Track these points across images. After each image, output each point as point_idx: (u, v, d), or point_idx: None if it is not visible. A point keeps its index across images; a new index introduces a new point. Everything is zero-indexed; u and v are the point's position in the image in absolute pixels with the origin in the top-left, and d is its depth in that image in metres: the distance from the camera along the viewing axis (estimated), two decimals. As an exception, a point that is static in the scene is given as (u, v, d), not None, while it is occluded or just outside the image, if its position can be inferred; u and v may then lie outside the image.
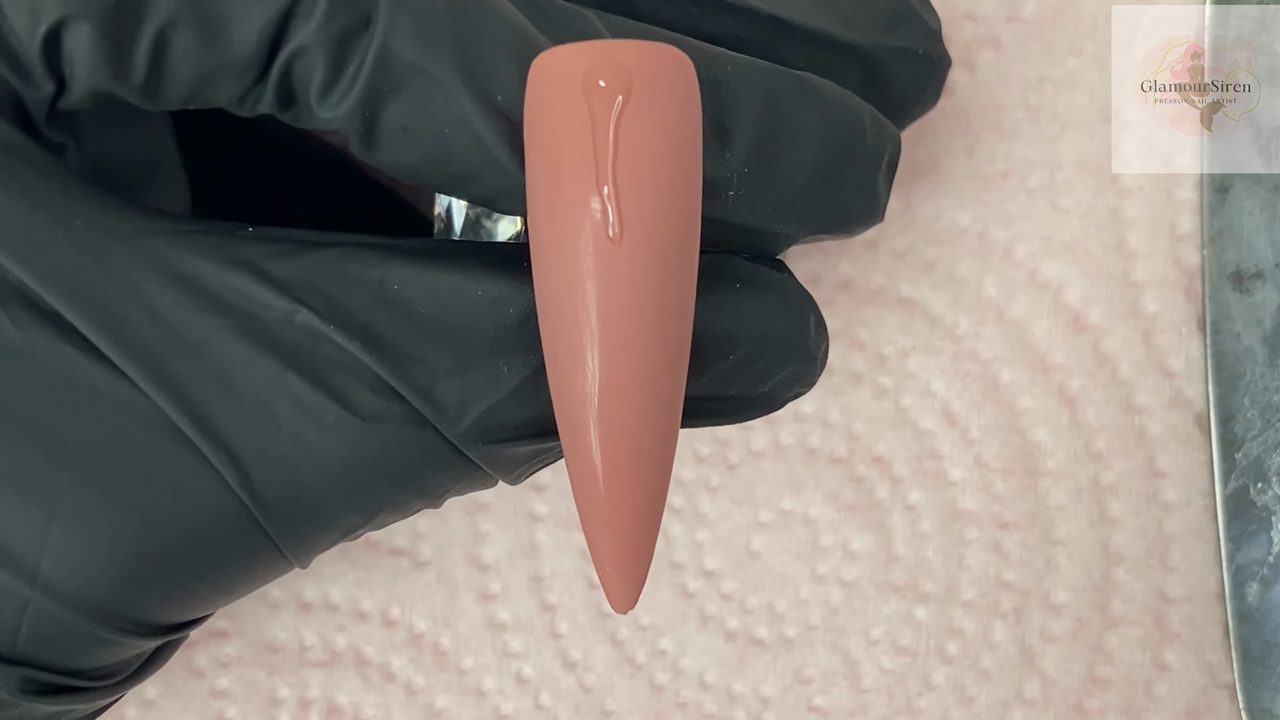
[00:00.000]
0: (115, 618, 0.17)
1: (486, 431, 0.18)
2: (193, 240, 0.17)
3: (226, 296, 0.17)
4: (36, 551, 0.17)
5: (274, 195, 0.24)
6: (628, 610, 0.17)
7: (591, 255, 0.16)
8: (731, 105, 0.17)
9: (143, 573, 0.17)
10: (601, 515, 0.17)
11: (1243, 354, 0.25)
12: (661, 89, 0.16)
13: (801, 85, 0.18)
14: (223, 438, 0.17)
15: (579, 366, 0.16)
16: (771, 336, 0.19)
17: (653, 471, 0.17)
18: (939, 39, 0.22)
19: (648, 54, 0.16)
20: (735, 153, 0.18)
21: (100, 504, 0.17)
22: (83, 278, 0.16)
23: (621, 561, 0.17)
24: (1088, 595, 0.26)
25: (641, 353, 0.16)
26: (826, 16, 0.20)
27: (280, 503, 0.17)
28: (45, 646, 0.17)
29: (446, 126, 0.16)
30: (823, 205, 0.19)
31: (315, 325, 0.17)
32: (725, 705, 0.27)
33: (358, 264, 0.17)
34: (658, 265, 0.16)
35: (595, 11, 0.18)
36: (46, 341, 0.17)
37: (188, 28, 0.16)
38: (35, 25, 0.16)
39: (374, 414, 0.17)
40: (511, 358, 0.17)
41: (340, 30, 0.16)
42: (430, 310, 0.17)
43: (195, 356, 0.17)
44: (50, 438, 0.16)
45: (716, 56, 0.18)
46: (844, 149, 0.19)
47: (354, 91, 0.16)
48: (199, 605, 0.18)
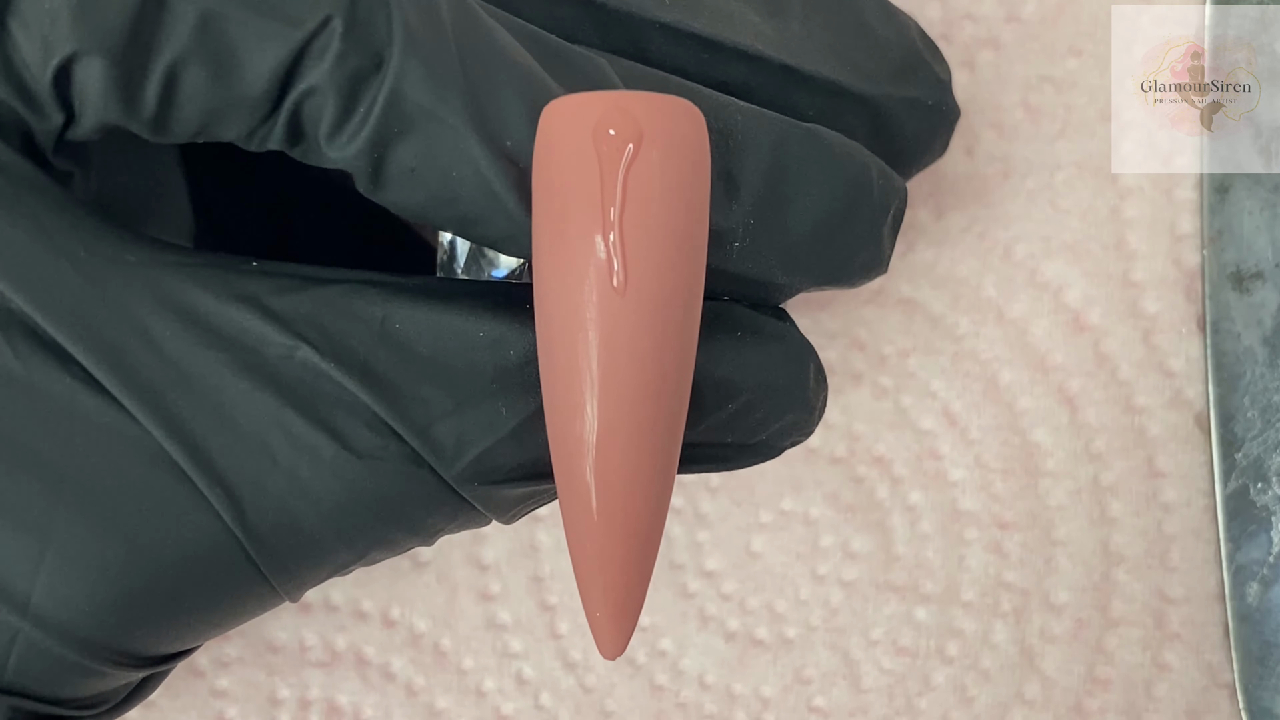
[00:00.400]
0: (105, 649, 0.17)
1: (483, 473, 0.18)
2: (195, 273, 0.17)
3: (227, 331, 0.17)
4: (28, 582, 0.17)
5: (277, 217, 0.24)
6: (616, 656, 0.17)
7: (595, 303, 0.16)
8: (740, 156, 0.18)
9: (134, 605, 0.17)
10: (594, 562, 0.17)
11: (1243, 354, 0.25)
12: (672, 140, 0.16)
13: (810, 138, 0.18)
14: (218, 472, 0.17)
15: (578, 413, 0.16)
16: (771, 386, 0.19)
17: (647, 520, 0.17)
18: (949, 90, 0.22)
19: (659, 105, 0.16)
20: (742, 204, 0.18)
21: (94, 536, 0.17)
22: (84, 309, 0.16)
23: (612, 608, 0.17)
24: (1088, 595, 0.26)
25: (641, 402, 0.16)
26: (837, 66, 0.20)
27: (274, 538, 0.17)
28: (33, 676, 0.17)
29: (454, 170, 0.16)
30: (827, 258, 0.19)
31: (315, 362, 0.17)
32: (725, 706, 0.27)
33: (359, 301, 0.17)
34: (661, 315, 0.16)
35: (607, 56, 0.18)
36: (46, 371, 0.17)
37: (199, 64, 0.16)
38: (47, 58, 0.16)
39: (370, 452, 0.17)
40: (511, 399, 0.17)
41: (352, 72, 0.16)
42: (430, 350, 0.17)
43: (194, 390, 0.17)
44: (47, 468, 0.17)
45: (726, 106, 0.18)
46: (850, 203, 0.19)
47: (363, 133, 0.16)
48: (188, 637, 0.18)
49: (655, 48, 0.19)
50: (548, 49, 0.17)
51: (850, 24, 0.21)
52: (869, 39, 0.21)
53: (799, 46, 0.20)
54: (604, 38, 0.19)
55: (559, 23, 0.19)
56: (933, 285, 0.26)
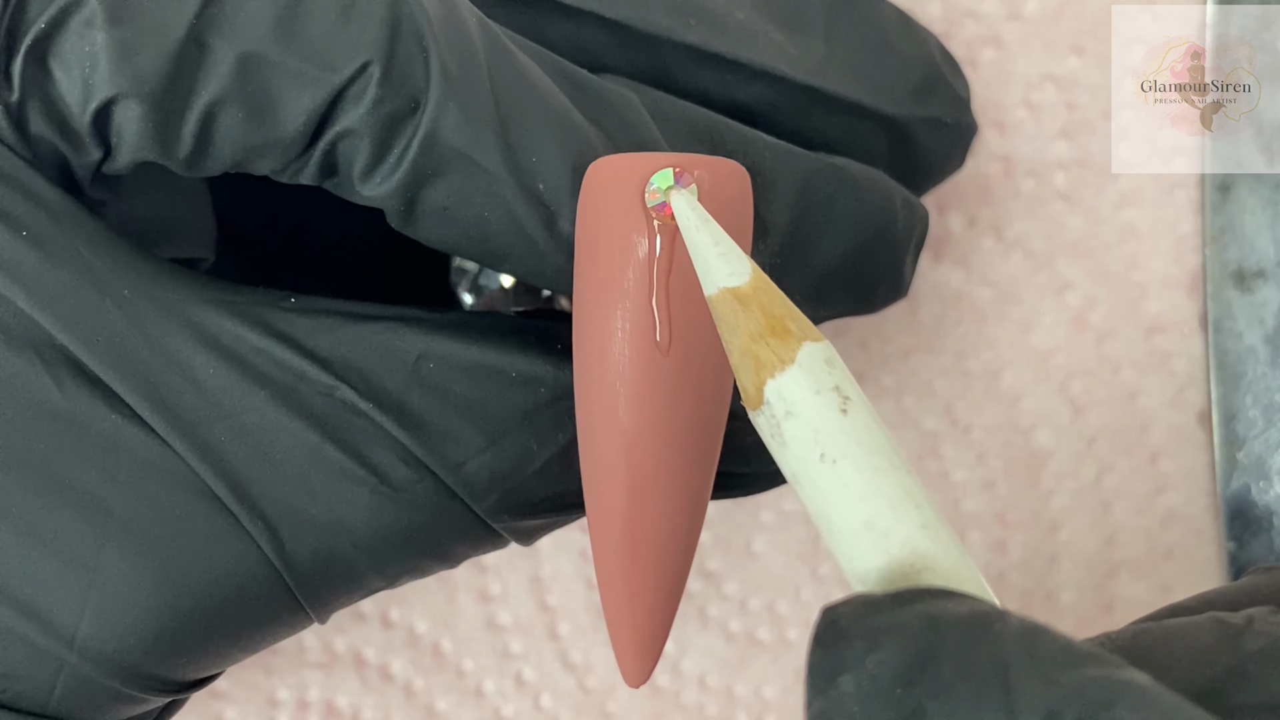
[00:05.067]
0: (146, 677, 0.18)
1: (513, 506, 0.18)
2: (236, 310, 0.17)
3: (267, 369, 0.17)
4: (76, 616, 0.17)
5: (294, 216, 0.24)
6: (641, 685, 0.18)
7: (637, 361, 0.16)
8: (767, 194, 0.18)
9: (176, 635, 0.17)
10: (622, 600, 0.17)
11: (1245, 353, 0.25)
12: (718, 203, 0.16)
13: (836, 174, 0.19)
14: (259, 505, 0.17)
15: (615, 465, 0.17)
16: None
17: (676, 562, 0.17)
18: (968, 108, 0.22)
19: (707, 168, 0.16)
20: (770, 242, 0.18)
21: (138, 569, 0.17)
22: (128, 346, 0.17)
23: (639, 643, 0.18)
24: (1090, 595, 0.26)
25: (675, 456, 0.17)
26: (859, 85, 0.20)
27: (311, 568, 0.18)
28: (76, 704, 0.18)
29: (487, 210, 0.17)
30: (851, 290, 0.19)
31: (353, 401, 0.17)
32: (726, 707, 0.27)
33: (395, 341, 0.18)
34: (701, 372, 0.16)
35: (633, 86, 0.18)
36: (91, 407, 0.17)
37: (236, 107, 0.16)
38: (87, 100, 0.16)
39: (405, 486, 0.18)
40: (541, 436, 0.18)
41: (388, 115, 0.16)
42: (464, 389, 0.18)
43: (235, 425, 0.17)
44: (93, 503, 0.17)
45: (753, 142, 0.18)
46: (875, 237, 0.19)
47: (398, 174, 0.16)
48: (222, 663, 0.19)
49: (679, 68, 0.19)
50: (578, 85, 0.18)
51: (873, 42, 0.21)
52: (891, 57, 0.21)
53: (821, 66, 0.20)
54: (629, 59, 0.19)
55: (584, 45, 0.19)
56: (934, 285, 0.26)
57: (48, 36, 0.16)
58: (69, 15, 0.16)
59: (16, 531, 0.17)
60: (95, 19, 0.16)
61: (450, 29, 0.17)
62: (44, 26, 0.16)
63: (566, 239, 0.17)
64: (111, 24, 0.16)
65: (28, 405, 0.17)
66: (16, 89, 0.16)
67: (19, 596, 0.17)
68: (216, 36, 0.16)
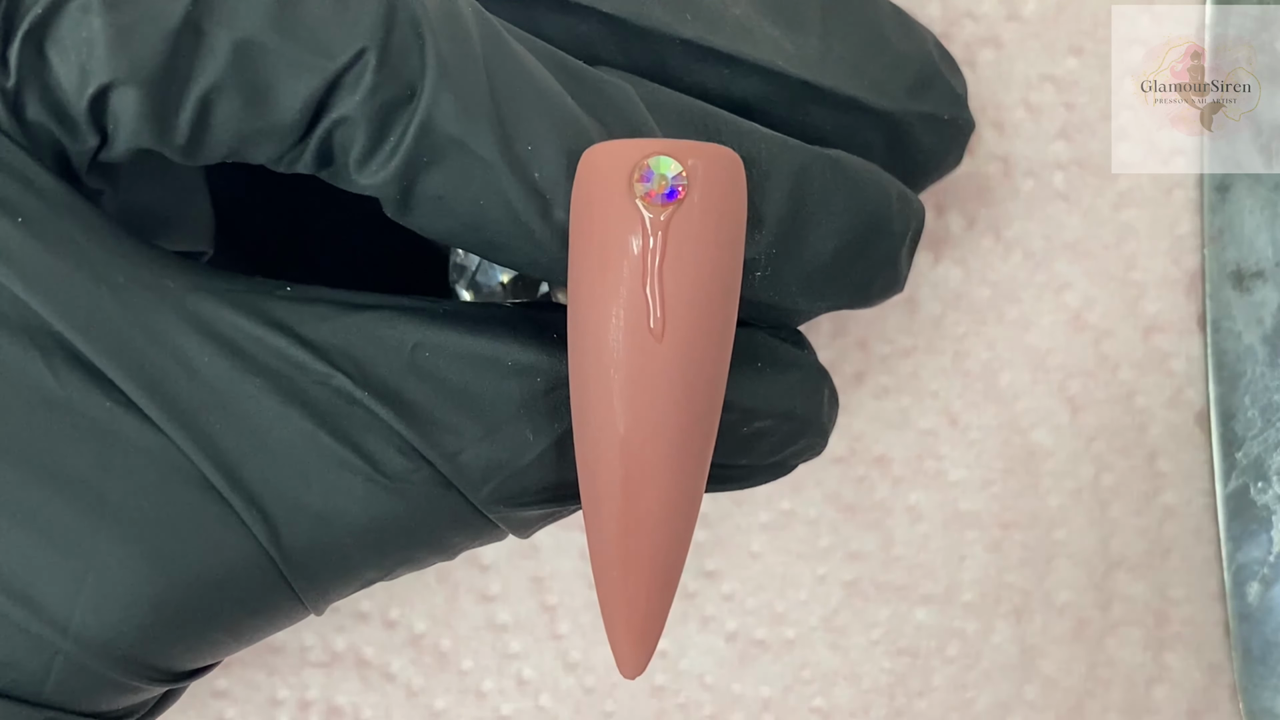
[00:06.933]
0: (141, 666, 0.18)
1: (509, 496, 0.18)
2: (232, 299, 0.17)
3: (263, 357, 0.17)
4: (71, 604, 0.17)
5: (292, 207, 0.24)
6: (637, 676, 0.18)
7: (631, 347, 0.16)
8: (763, 186, 0.18)
9: (171, 623, 0.18)
10: (618, 590, 0.17)
11: (1243, 353, 0.25)
12: (712, 189, 0.16)
13: (831, 166, 0.19)
14: (254, 493, 0.17)
15: (608, 453, 0.17)
16: (789, 414, 0.19)
17: (671, 551, 0.17)
18: (965, 104, 0.22)
19: (701, 154, 0.16)
20: (765, 234, 0.18)
21: (133, 557, 0.17)
22: (123, 334, 0.17)
23: (635, 634, 0.18)
24: (1088, 595, 0.26)
25: (670, 443, 0.17)
26: (855, 81, 0.20)
27: (306, 557, 0.18)
28: (71, 692, 0.18)
29: (482, 199, 0.17)
30: (847, 283, 0.19)
31: (349, 390, 0.17)
32: (725, 706, 0.27)
33: (391, 330, 0.18)
34: (695, 359, 0.16)
35: (630, 78, 0.18)
36: (86, 395, 0.17)
37: (232, 94, 0.16)
38: (84, 86, 0.16)
39: (401, 476, 0.18)
40: (537, 425, 0.18)
41: (384, 102, 0.16)
42: (460, 378, 0.18)
43: (231, 414, 0.17)
44: (88, 491, 0.17)
45: (749, 134, 0.18)
46: (871, 230, 0.19)
47: (393, 162, 0.16)
48: (217, 652, 0.19)
49: (676, 63, 0.19)
50: (574, 75, 0.18)
51: (869, 38, 0.21)
52: (887, 53, 0.21)
53: (818, 62, 0.20)
54: (625, 53, 0.19)
55: (581, 38, 0.19)
56: (933, 285, 0.26)
57: (45, 22, 0.16)
58: (66, 0, 0.16)
59: (10, 518, 0.17)
60: (92, 5, 0.16)
61: (446, 17, 0.17)
62: (41, 12, 0.16)
63: (562, 228, 0.17)
64: (108, 10, 0.16)
65: (23, 392, 0.17)
66: (13, 75, 0.16)
67: (13, 583, 0.17)
68: (213, 23, 0.16)
